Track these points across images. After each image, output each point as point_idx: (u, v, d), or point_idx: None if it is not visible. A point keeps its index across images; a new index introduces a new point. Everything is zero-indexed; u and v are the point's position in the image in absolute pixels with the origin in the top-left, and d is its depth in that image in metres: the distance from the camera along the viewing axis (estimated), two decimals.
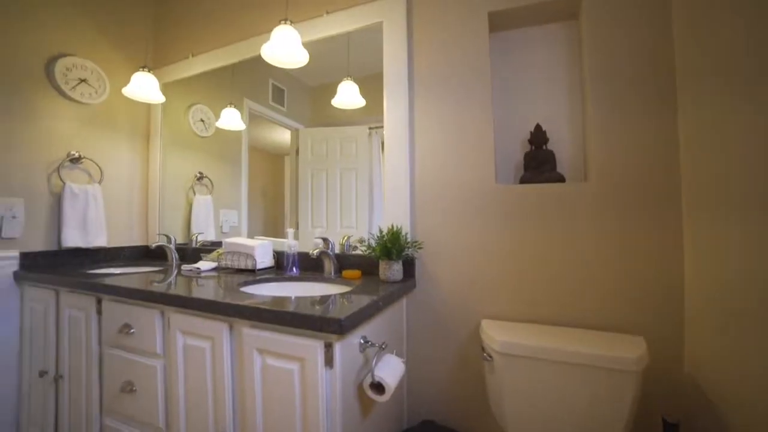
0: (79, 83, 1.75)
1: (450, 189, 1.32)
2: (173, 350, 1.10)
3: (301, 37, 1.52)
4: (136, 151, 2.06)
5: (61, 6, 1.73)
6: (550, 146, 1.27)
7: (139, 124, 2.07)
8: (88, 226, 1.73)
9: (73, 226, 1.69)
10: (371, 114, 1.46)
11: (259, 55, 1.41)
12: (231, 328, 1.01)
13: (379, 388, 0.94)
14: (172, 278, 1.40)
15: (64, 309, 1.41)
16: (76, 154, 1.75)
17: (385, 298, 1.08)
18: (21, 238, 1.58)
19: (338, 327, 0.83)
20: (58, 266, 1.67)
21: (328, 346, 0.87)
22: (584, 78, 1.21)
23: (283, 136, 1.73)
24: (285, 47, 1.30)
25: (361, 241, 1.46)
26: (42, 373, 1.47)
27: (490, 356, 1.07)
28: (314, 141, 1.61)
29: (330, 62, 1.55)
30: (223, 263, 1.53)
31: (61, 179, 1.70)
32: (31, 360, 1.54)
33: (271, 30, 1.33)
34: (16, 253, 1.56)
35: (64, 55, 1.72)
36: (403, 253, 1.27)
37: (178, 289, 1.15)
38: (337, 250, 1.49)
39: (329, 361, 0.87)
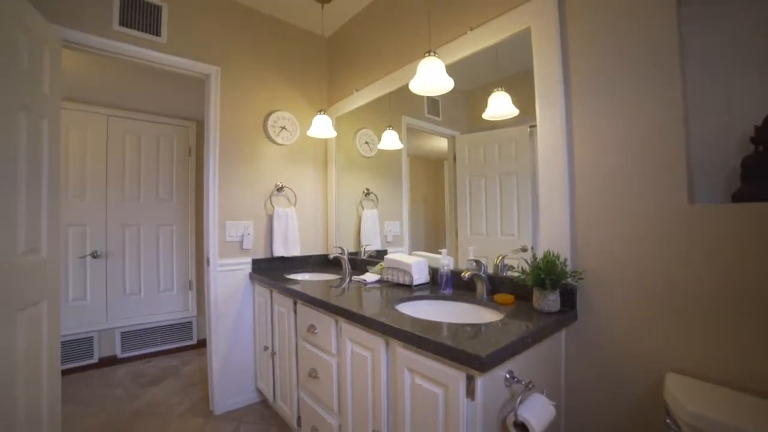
0: (281, 130, 2.31)
1: (620, 210, 1.10)
2: (344, 353, 1.32)
3: (446, 61, 1.56)
4: (318, 177, 2.54)
5: (272, 79, 2.32)
6: None
7: (319, 155, 2.55)
8: (289, 240, 2.27)
9: (279, 240, 2.24)
10: (531, 113, 1.30)
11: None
12: (387, 344, 1.15)
13: (523, 428, 0.89)
14: (345, 285, 1.68)
15: (275, 305, 1.91)
16: (280, 185, 2.32)
17: (536, 333, 1.01)
18: (252, 249, 2.21)
19: (479, 364, 0.83)
20: (271, 270, 2.26)
21: (470, 379, 0.88)
22: None
23: (441, 142, 1.78)
24: (430, 79, 1.36)
25: (524, 248, 1.37)
26: (265, 348, 2.03)
27: (677, 425, 0.85)
28: (471, 146, 1.58)
29: (480, 65, 1.51)
30: (384, 277, 1.73)
31: (271, 204, 2.28)
32: (259, 336, 2.14)
33: (419, 57, 1.39)
34: (249, 260, 2.19)
35: (273, 111, 2.30)
36: (561, 282, 1.15)
37: (348, 301, 1.38)
38: (490, 270, 1.45)
39: (471, 393, 0.89)
